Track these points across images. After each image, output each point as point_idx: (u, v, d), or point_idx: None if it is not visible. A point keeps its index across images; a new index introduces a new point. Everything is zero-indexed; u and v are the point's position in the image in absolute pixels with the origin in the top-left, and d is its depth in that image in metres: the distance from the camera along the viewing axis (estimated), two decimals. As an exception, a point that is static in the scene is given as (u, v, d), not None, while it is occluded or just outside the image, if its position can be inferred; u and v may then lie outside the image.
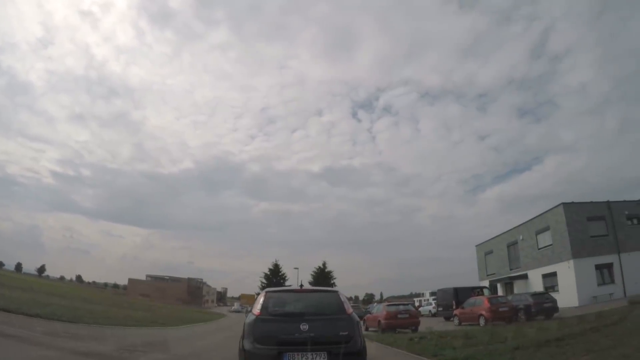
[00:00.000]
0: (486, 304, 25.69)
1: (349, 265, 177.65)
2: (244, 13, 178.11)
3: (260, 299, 7.89)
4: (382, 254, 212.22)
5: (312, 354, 6.77)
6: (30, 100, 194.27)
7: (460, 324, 27.27)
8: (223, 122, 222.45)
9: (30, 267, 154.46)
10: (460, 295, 34.33)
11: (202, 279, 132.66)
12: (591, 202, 37.74)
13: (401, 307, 26.73)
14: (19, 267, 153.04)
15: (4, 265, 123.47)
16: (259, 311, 7.54)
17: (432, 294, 63.45)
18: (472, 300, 28.71)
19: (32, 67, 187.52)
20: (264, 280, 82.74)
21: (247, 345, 7.03)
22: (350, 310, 7.77)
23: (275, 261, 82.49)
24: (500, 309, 25.21)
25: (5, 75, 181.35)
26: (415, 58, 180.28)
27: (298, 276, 70.90)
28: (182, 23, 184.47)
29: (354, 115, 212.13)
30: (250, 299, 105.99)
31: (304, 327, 7.00)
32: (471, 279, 58.87)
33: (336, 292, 8.38)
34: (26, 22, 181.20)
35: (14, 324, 13.58)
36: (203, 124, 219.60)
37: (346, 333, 7.18)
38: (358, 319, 7.78)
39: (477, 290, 37.40)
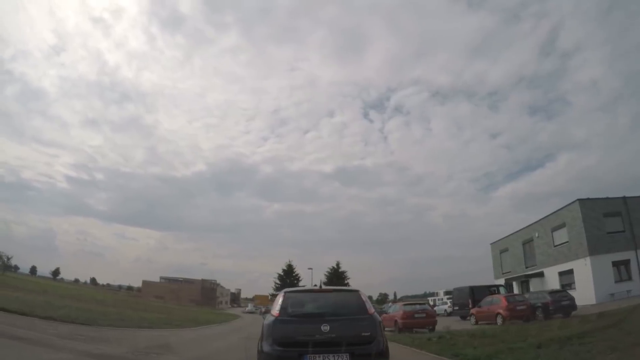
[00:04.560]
0: (504, 303, 25.27)
1: (361, 265, 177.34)
2: (254, 16, 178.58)
3: (279, 300, 7.65)
4: (394, 253, 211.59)
5: (333, 356, 6.55)
6: (44, 106, 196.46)
7: (477, 323, 26.86)
8: (235, 125, 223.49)
9: (44, 270, 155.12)
10: (477, 294, 33.84)
11: (215, 280, 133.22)
12: (607, 198, 37.08)
13: (418, 307, 26.45)
14: (33, 270, 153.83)
15: (18, 268, 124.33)
16: (278, 312, 7.31)
17: (446, 293, 62.96)
18: (489, 298, 28.27)
19: (45, 73, 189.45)
20: (277, 281, 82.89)
21: (266, 347, 6.82)
22: (372, 310, 7.52)
23: (289, 262, 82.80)
24: (518, 308, 24.81)
25: (18, 82, 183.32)
26: (425, 58, 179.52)
27: (312, 276, 70.77)
28: (192, 27, 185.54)
29: (366, 115, 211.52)
30: (264, 300, 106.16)
31: (325, 328, 6.77)
32: (485, 278, 58.50)
33: (357, 291, 8.06)
34: (38, 30, 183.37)
35: (27, 326, 13.52)
36: (215, 127, 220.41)
37: (368, 334, 6.96)
38: (380, 319, 7.53)
39: (493, 289, 36.98)
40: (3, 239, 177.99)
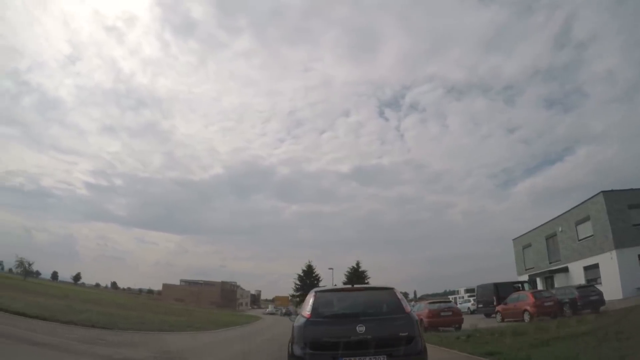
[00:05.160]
0: (531, 299, 24.62)
1: (380, 265, 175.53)
2: (266, 19, 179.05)
3: (310, 300, 7.26)
4: (414, 252, 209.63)
5: (370, 358, 6.15)
6: (61, 114, 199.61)
7: (503, 320, 26.23)
8: (251, 128, 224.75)
9: (66, 275, 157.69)
10: (501, 290, 33.22)
11: (235, 282, 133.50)
12: (631, 190, 35.93)
13: (443, 305, 26.03)
14: (54, 275, 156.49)
15: (40, 274, 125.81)
16: (309, 313, 6.92)
17: (467, 290, 62.19)
18: (515, 295, 27.58)
19: (61, 83, 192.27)
20: (297, 282, 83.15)
21: (298, 350, 6.46)
22: (408, 308, 7.12)
23: (309, 262, 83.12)
24: (546, 304, 24.18)
25: (35, 93, 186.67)
26: (438, 54, 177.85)
27: (333, 276, 71.20)
28: (205, 33, 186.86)
29: (381, 114, 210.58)
30: (284, 301, 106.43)
31: (361, 328, 6.35)
32: (506, 275, 57.70)
33: (392, 289, 7.63)
34: (54, 41, 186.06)
35: (48, 331, 13.40)
36: (231, 130, 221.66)
37: (406, 333, 6.54)
38: (417, 318, 7.12)
39: (517, 286, 36.27)
40: (25, 245, 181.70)
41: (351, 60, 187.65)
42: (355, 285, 8.46)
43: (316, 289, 7.98)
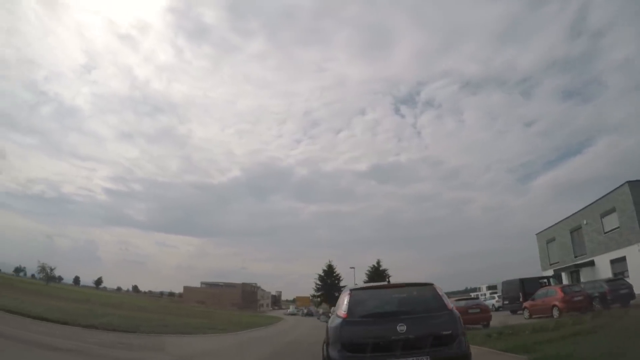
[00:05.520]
0: (560, 294, 23.91)
1: (400, 263, 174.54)
2: (278, 21, 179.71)
3: (345, 299, 6.83)
4: (433, 249, 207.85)
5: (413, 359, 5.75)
6: (79, 122, 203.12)
7: (531, 316, 25.56)
8: (267, 129, 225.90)
9: (88, 280, 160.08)
10: (527, 286, 32.46)
11: (256, 284, 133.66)
12: (658, 179, 34.97)
13: (471, 302, 25.52)
14: (77, 280, 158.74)
15: (62, 279, 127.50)
16: (345, 313, 6.50)
17: (489, 287, 61.53)
18: (543, 290, 26.91)
19: (78, 91, 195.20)
20: (318, 282, 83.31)
21: (334, 353, 6.09)
22: (450, 305, 6.70)
23: (329, 262, 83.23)
24: (575, 299, 23.42)
25: (53, 102, 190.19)
26: (452, 49, 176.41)
27: (354, 275, 70.95)
28: (218, 37, 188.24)
29: (397, 111, 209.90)
30: (305, 301, 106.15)
31: (401, 328, 5.96)
32: (528, 270, 56.74)
33: (431, 285, 7.15)
34: (69, 51, 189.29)
35: (68, 336, 13.23)
36: (248, 133, 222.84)
37: (449, 332, 6.17)
38: (459, 315, 6.66)
39: (543, 281, 35.51)
40: (47, 251, 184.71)
41: (365, 58, 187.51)
42: (393, 282, 8.04)
43: (351, 286, 7.62)
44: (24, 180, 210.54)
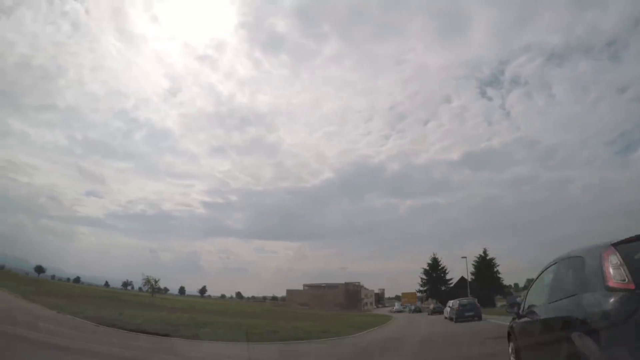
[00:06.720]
0: None
1: (503, 251, 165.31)
2: (349, 21, 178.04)
3: (615, 261, 3.87)
4: (534, 234, 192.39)
5: None
6: (172, 143, 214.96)
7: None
8: (354, 129, 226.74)
9: (192, 289, 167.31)
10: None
11: (359, 282, 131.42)
12: None
13: None
14: (182, 290, 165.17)
15: (168, 290, 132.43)
16: (630, 282, 3.55)
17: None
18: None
19: (166, 114, 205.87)
20: (423, 277, 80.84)
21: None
22: None
23: (433, 255, 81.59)
24: None
25: (144, 127, 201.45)
26: (529, 20, 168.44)
27: (467, 266, 70.69)
28: (293, 44, 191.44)
29: (483, 94, 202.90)
30: (412, 298, 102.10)
31: None
32: None
33: None
34: (153, 78, 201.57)
35: (168, 350, 11.30)
36: (336, 134, 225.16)
37: None
38: None
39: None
40: (152, 265, 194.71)
41: (442, 44, 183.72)
42: None
43: (612, 241, 4.16)
44: (125, 202, 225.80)
